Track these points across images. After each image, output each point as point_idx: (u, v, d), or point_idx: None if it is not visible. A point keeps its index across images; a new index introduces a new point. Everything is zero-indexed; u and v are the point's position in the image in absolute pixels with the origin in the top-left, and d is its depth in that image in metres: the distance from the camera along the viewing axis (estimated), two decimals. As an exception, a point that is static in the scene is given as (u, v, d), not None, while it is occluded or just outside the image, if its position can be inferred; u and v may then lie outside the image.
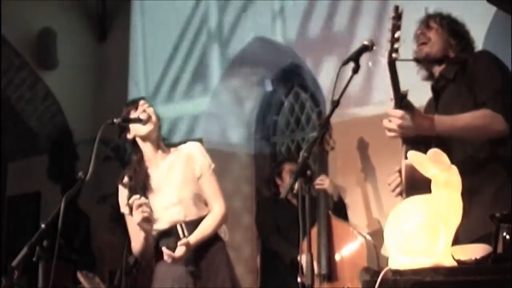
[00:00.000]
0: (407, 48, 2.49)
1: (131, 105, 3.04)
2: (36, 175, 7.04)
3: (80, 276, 4.05)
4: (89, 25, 7.14)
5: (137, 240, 2.95)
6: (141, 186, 2.96)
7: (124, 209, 3.01)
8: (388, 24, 2.28)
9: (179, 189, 2.94)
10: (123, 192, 3.03)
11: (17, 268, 2.39)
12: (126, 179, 3.02)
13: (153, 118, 2.98)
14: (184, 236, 2.90)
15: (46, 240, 2.43)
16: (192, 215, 2.95)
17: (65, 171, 6.58)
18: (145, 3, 6.51)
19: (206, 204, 3.00)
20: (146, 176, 2.98)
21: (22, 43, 6.71)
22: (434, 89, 2.69)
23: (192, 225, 2.93)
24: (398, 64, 2.30)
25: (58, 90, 6.93)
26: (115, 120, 2.87)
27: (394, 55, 2.25)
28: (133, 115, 2.99)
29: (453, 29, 2.66)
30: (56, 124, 7.03)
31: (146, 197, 2.90)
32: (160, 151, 3.03)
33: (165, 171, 3.00)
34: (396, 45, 2.25)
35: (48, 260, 2.42)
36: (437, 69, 2.66)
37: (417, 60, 2.53)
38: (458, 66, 2.58)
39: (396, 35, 2.26)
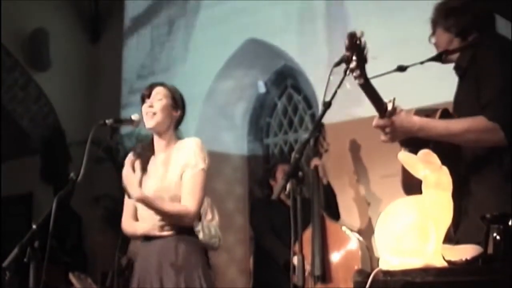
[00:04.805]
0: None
1: (147, 90, 3.03)
2: (28, 176, 7.01)
3: (72, 277, 4.04)
4: (82, 26, 7.12)
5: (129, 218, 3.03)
6: (141, 166, 2.98)
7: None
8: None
9: (161, 184, 2.92)
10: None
11: (8, 269, 2.39)
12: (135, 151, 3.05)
13: (158, 114, 2.96)
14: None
15: (38, 241, 2.43)
16: None
17: (58, 172, 6.56)
18: (138, 4, 6.52)
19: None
20: (147, 160, 3.00)
21: (14, 43, 6.67)
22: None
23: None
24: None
25: (51, 91, 6.90)
26: (106, 121, 2.86)
27: (359, 81, 2.12)
28: (145, 102, 2.99)
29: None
30: (48, 125, 7.00)
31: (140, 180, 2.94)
32: (164, 142, 3.01)
33: (160, 163, 2.99)
34: (355, 73, 2.09)
35: (39, 261, 2.42)
36: (454, 58, 2.44)
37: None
38: (472, 51, 2.36)
39: (352, 65, 2.08)
